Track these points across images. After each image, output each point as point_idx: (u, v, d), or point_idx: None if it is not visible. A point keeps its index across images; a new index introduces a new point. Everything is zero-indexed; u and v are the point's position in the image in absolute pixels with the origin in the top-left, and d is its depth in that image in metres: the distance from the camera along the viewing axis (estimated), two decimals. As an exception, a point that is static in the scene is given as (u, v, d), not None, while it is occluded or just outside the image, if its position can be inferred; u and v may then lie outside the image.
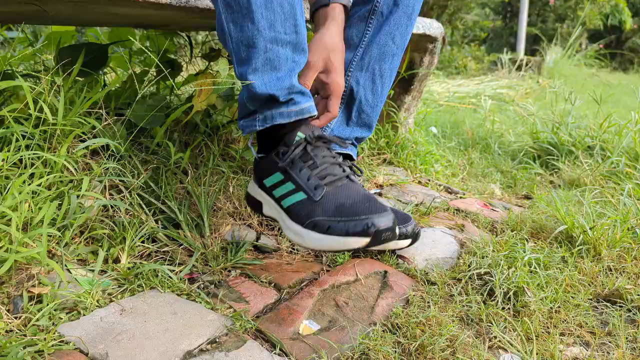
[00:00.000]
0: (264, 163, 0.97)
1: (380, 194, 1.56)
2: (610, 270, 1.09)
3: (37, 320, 0.77)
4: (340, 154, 1.16)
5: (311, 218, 0.85)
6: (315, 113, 0.96)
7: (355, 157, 1.20)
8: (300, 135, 0.93)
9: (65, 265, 0.90)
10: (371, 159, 1.83)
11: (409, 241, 1.10)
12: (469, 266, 1.06)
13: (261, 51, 0.89)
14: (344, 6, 1.04)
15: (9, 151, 0.89)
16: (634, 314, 0.94)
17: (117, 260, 0.96)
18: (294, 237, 0.89)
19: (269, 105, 0.92)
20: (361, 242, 0.81)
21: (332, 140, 0.98)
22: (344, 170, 0.92)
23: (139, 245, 1.00)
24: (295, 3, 0.91)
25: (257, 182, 1.00)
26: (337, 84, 1.01)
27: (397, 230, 0.84)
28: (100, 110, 1.06)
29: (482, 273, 1.03)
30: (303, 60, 0.95)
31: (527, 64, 5.89)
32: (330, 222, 0.83)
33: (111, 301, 0.86)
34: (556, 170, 1.89)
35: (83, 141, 1.07)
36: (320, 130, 0.96)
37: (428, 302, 0.93)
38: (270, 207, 0.98)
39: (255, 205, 1.03)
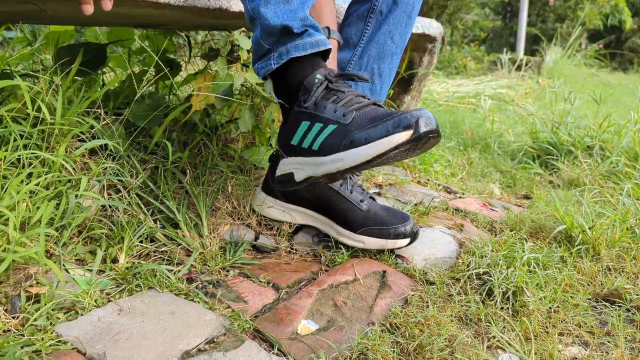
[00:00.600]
0: (288, 122, 0.94)
1: (379, 194, 1.55)
2: (610, 270, 1.09)
3: (35, 320, 0.77)
4: None
5: (346, 138, 0.83)
6: (330, 46, 0.94)
7: None
8: (319, 77, 0.90)
9: (63, 265, 0.90)
10: (370, 159, 1.83)
11: (407, 240, 1.10)
12: (468, 266, 1.06)
13: None
14: (339, 43, 1.04)
15: (6, 150, 0.89)
16: (633, 313, 0.94)
17: (115, 260, 0.96)
18: (331, 165, 0.85)
19: (283, 39, 0.90)
20: (404, 135, 0.78)
21: (351, 76, 0.93)
22: (369, 99, 0.89)
23: (137, 245, 1.00)
24: None
25: (286, 152, 0.96)
26: None
27: (439, 127, 0.81)
28: (99, 110, 1.06)
29: (481, 273, 1.03)
30: None
31: (526, 64, 5.89)
32: (367, 131, 0.80)
33: (109, 301, 0.86)
34: (555, 170, 1.89)
35: (82, 141, 1.07)
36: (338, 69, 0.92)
37: (427, 302, 0.93)
38: (302, 166, 0.93)
39: (286, 180, 0.97)
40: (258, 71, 0.96)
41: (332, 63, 1.03)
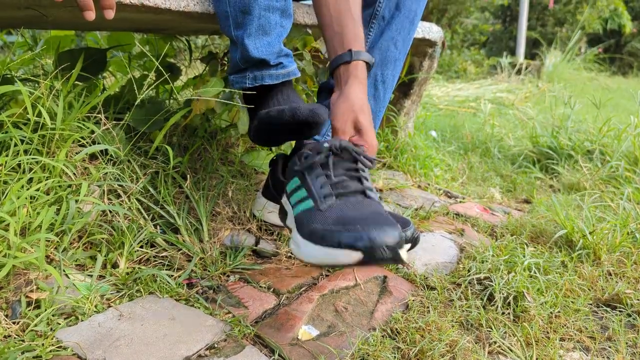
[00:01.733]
0: (289, 166, 0.94)
1: (380, 198, 1.55)
2: (610, 274, 1.09)
3: (35, 325, 0.76)
4: None
5: (310, 227, 0.78)
6: (298, 74, 1.02)
7: None
8: (326, 145, 0.89)
9: (64, 271, 0.90)
10: (371, 163, 1.82)
11: (407, 246, 1.10)
12: (469, 271, 1.06)
13: (255, 18, 0.95)
14: (367, 64, 1.00)
15: (7, 156, 0.89)
16: (634, 318, 0.94)
17: (115, 265, 0.96)
18: (292, 246, 0.83)
19: (259, 67, 0.98)
20: (352, 256, 0.70)
21: (358, 154, 0.90)
22: (361, 183, 0.85)
23: (137, 250, 1.00)
24: None
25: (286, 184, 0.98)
26: (372, 146, 0.96)
27: (400, 253, 0.72)
28: (99, 115, 1.06)
29: (481, 278, 1.03)
30: (289, 25, 1.01)
31: (526, 68, 5.90)
32: (325, 232, 0.74)
33: (109, 306, 0.85)
34: (556, 174, 1.89)
35: (82, 146, 1.07)
36: (347, 141, 0.91)
37: (428, 307, 0.93)
38: (290, 218, 0.93)
39: (283, 217, 0.99)
40: (232, 83, 1.03)
41: (360, 85, 1.00)
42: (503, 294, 0.95)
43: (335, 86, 1.01)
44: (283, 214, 1.00)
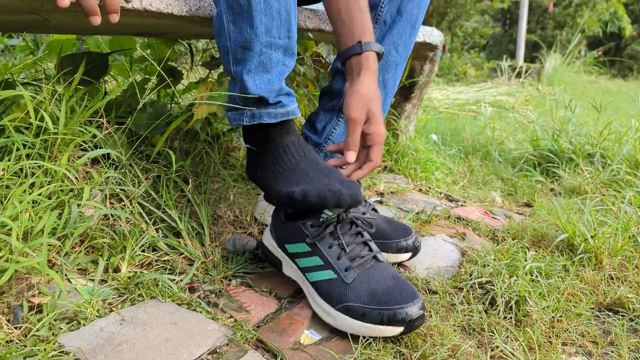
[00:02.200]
0: (289, 227, 0.97)
1: (381, 202, 1.55)
2: (612, 279, 1.09)
3: (37, 330, 0.76)
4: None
5: (343, 303, 0.86)
6: (298, 114, 1.00)
7: None
8: (327, 213, 0.94)
9: (66, 275, 0.90)
10: (372, 167, 1.83)
11: (409, 255, 1.10)
12: (471, 275, 1.06)
13: (256, 54, 0.92)
14: (377, 54, 1.03)
15: (9, 160, 0.89)
16: (636, 323, 0.94)
17: (117, 270, 0.96)
18: (324, 315, 0.89)
19: (258, 104, 0.96)
20: (395, 330, 0.82)
21: (362, 222, 0.97)
22: (370, 250, 0.92)
23: (139, 255, 1.00)
24: (291, 10, 0.94)
25: (277, 241, 1.00)
26: (379, 134, 1.00)
27: (425, 314, 0.86)
28: (101, 119, 1.06)
29: (483, 282, 1.03)
30: (292, 63, 0.99)
31: (526, 71, 5.90)
32: (365, 309, 0.84)
33: (111, 311, 0.85)
34: (557, 177, 1.89)
35: (84, 150, 1.07)
36: (353, 212, 0.96)
37: (429, 312, 0.93)
38: (292, 270, 0.98)
39: (273, 261, 1.02)
40: (230, 120, 1.01)
41: (371, 75, 1.02)
42: (505, 298, 0.95)
43: (347, 75, 1.04)
44: (273, 259, 1.01)
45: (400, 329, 0.82)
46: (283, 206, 0.97)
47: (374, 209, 1.16)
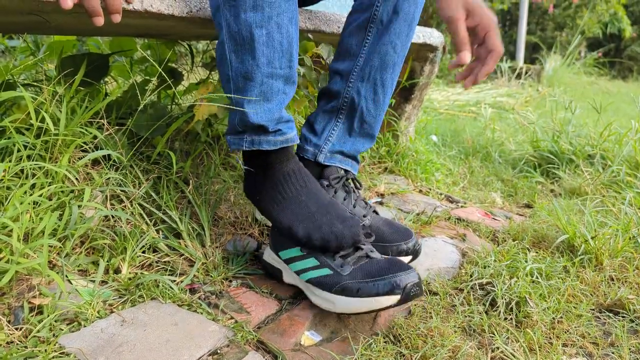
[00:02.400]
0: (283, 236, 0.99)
1: (381, 203, 1.55)
2: (612, 280, 1.09)
3: (38, 331, 0.76)
4: (341, 168, 1.16)
5: (339, 284, 0.88)
6: (297, 141, 1.02)
7: (355, 172, 1.19)
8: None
9: (66, 276, 0.90)
10: (372, 168, 1.83)
11: (409, 258, 1.10)
12: (471, 276, 1.06)
13: (257, 84, 0.94)
14: None
15: (10, 162, 0.89)
16: (637, 324, 0.94)
17: (118, 271, 0.96)
18: (323, 303, 0.90)
19: (257, 132, 0.97)
20: (392, 299, 0.84)
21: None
22: (362, 249, 0.94)
23: (140, 256, 1.00)
24: (293, 41, 0.95)
25: (275, 251, 1.01)
26: (488, 19, 1.02)
27: (422, 286, 0.87)
28: (102, 120, 1.07)
29: (484, 283, 1.03)
30: (292, 91, 1.00)
31: (526, 72, 5.90)
32: (360, 284, 0.86)
33: (112, 312, 0.85)
34: (557, 179, 1.89)
35: (84, 151, 1.07)
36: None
37: (430, 313, 0.93)
38: (292, 276, 0.98)
39: (274, 273, 1.02)
40: (230, 144, 1.02)
41: None
42: (505, 299, 0.95)
43: None
44: (274, 271, 1.02)
45: (397, 297, 0.83)
46: (281, 234, 0.98)
47: (375, 211, 1.16)
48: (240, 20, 0.90)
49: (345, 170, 1.16)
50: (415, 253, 1.10)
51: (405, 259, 1.09)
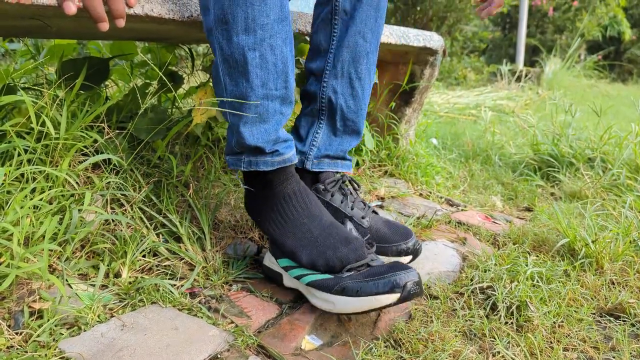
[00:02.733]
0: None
1: (381, 207, 1.55)
2: (613, 283, 1.09)
3: (38, 336, 0.76)
4: (337, 172, 1.15)
5: (339, 284, 0.88)
6: (295, 160, 1.01)
7: (349, 170, 1.18)
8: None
9: (66, 280, 0.90)
10: (372, 171, 1.83)
11: (409, 257, 1.10)
12: (472, 280, 1.06)
13: (252, 106, 0.93)
14: None
15: (11, 166, 0.89)
16: (637, 328, 0.94)
17: (118, 275, 0.96)
18: (323, 304, 0.90)
19: (254, 153, 0.97)
20: (392, 297, 0.83)
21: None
22: (364, 255, 0.93)
23: (140, 260, 1.00)
24: (288, 61, 0.94)
25: (275, 256, 1.00)
26: None
27: (422, 286, 0.87)
28: (102, 124, 1.07)
29: (484, 287, 1.03)
30: (289, 111, 0.99)
31: (526, 75, 5.91)
32: (360, 284, 0.86)
33: (112, 316, 0.85)
34: (557, 182, 1.89)
35: (85, 155, 1.07)
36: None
37: (431, 317, 0.93)
38: (292, 280, 0.98)
39: (274, 277, 1.02)
40: (228, 164, 1.02)
41: None
42: (506, 303, 0.95)
43: None
44: (274, 275, 1.02)
45: (397, 295, 0.83)
46: (284, 255, 0.98)
47: (374, 211, 1.16)
48: (232, 44, 0.90)
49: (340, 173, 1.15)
50: (415, 252, 1.10)
51: (405, 259, 1.09)
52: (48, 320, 0.79)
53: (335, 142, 1.15)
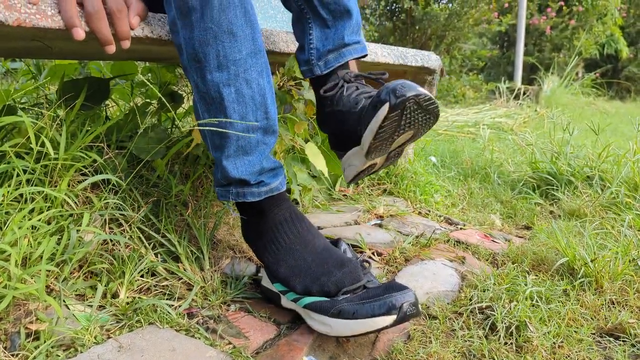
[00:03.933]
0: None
1: (380, 225, 1.55)
2: (613, 303, 1.08)
3: (34, 357, 0.76)
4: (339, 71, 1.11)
5: (336, 307, 0.88)
6: (283, 189, 1.01)
7: (365, 52, 1.13)
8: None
9: (64, 301, 0.89)
10: (371, 190, 1.83)
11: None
12: (471, 300, 1.05)
13: (233, 140, 0.93)
14: None
15: (9, 186, 0.89)
16: (638, 349, 0.93)
17: (115, 295, 0.96)
18: (321, 327, 0.90)
19: (240, 185, 0.98)
20: (389, 319, 0.83)
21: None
22: (360, 279, 0.93)
23: (138, 280, 1.00)
24: (266, 92, 0.95)
25: (271, 280, 1.01)
26: None
27: (419, 306, 0.87)
28: (102, 144, 1.07)
29: (483, 307, 1.02)
30: (273, 140, 0.99)
31: (524, 93, 5.95)
32: (357, 307, 0.85)
33: (109, 337, 0.85)
34: (556, 200, 1.89)
35: (84, 174, 1.07)
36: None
37: (429, 337, 0.92)
38: (289, 302, 0.98)
39: (272, 298, 1.02)
40: (218, 195, 1.03)
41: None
42: (505, 323, 0.94)
43: None
44: (272, 295, 1.02)
45: (393, 317, 0.83)
46: (279, 281, 0.99)
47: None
48: (207, 81, 0.90)
49: (343, 66, 1.11)
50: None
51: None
52: (44, 342, 0.79)
53: (331, 33, 1.09)
